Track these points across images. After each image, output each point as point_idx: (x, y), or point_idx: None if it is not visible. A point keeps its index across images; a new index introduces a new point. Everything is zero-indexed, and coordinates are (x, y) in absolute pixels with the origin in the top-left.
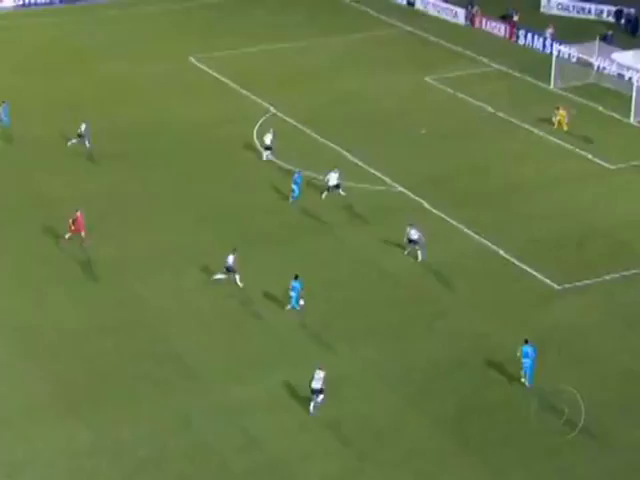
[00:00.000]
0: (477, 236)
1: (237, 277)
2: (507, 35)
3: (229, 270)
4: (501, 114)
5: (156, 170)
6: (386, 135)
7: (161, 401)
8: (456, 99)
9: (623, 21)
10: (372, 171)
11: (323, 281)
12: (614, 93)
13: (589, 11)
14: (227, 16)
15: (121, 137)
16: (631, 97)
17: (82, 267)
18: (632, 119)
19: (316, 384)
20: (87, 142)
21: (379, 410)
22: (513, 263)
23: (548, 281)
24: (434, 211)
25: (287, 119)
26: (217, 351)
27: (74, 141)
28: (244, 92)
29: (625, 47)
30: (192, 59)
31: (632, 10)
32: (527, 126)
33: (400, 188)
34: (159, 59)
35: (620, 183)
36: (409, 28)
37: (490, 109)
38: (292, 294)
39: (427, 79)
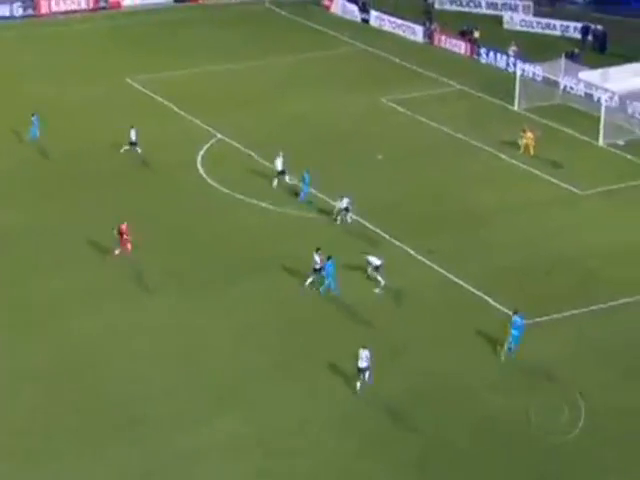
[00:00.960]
0: (436, 266)
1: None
2: (468, 53)
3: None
4: (462, 136)
5: (89, 197)
6: (340, 160)
7: (100, 453)
8: (414, 121)
9: (590, 38)
10: (325, 198)
11: (280, 314)
12: (582, 114)
13: (554, 27)
14: (169, 34)
15: (48, 164)
16: (599, 118)
17: (15, 306)
18: (601, 141)
19: (362, 363)
20: (138, 149)
21: (331, 461)
22: (475, 294)
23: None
24: (390, 239)
25: (234, 143)
26: (162, 396)
27: (126, 147)
28: (187, 115)
29: (593, 65)
30: (129, 80)
31: (599, 27)
32: (489, 149)
33: (355, 216)
34: (92, 80)
35: (589, 209)
36: (364, 46)
37: (450, 131)
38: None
39: (383, 100)
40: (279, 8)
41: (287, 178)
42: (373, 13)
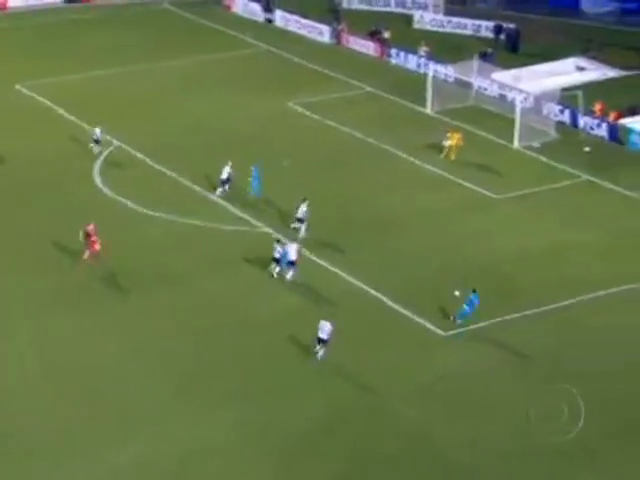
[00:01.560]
0: (350, 278)
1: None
2: (377, 54)
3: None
4: (373, 141)
5: None
6: (243, 166)
7: None
8: (323, 125)
9: (503, 37)
10: (232, 209)
11: (186, 334)
12: (496, 116)
13: (465, 27)
14: (60, 37)
15: None
16: (514, 120)
17: None
18: (516, 144)
19: (322, 334)
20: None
21: None
22: (392, 307)
23: (432, 327)
24: (302, 251)
25: (133, 151)
26: (59, 426)
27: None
28: (82, 123)
29: (506, 65)
30: (19, 86)
31: (512, 25)
32: (402, 153)
33: (265, 228)
34: None
35: (504, 214)
36: (268, 47)
37: (360, 135)
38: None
39: (290, 103)
40: (178, 8)
41: (226, 187)
42: (277, 13)
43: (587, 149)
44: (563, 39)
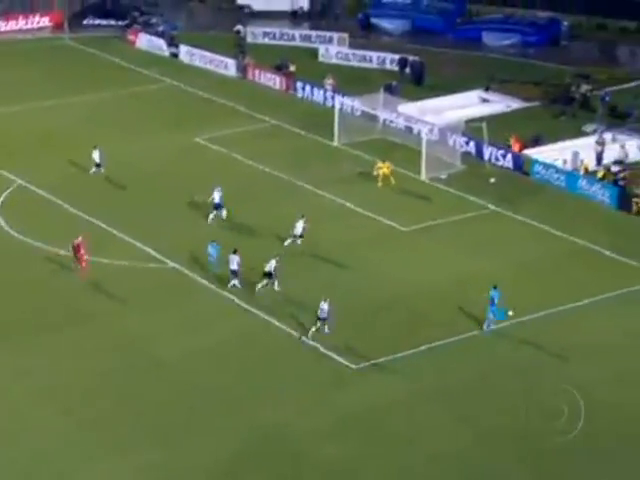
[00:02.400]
0: (258, 311)
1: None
2: (284, 88)
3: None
4: (280, 174)
5: None
6: (151, 204)
7: None
8: (230, 159)
9: (408, 70)
10: (140, 246)
11: (88, 378)
12: (403, 148)
13: (371, 59)
14: None
15: None
16: (420, 152)
17: None
18: (423, 176)
19: (322, 314)
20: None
21: None
22: (305, 341)
23: (343, 360)
24: (210, 287)
25: (36, 189)
26: None
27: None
28: None
29: (411, 98)
30: None
31: (416, 58)
32: (309, 186)
33: (172, 264)
34: None
35: (413, 246)
36: (174, 82)
37: (268, 169)
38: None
39: (197, 139)
40: (81, 44)
41: (223, 213)
42: (182, 47)
43: (492, 180)
44: (467, 71)
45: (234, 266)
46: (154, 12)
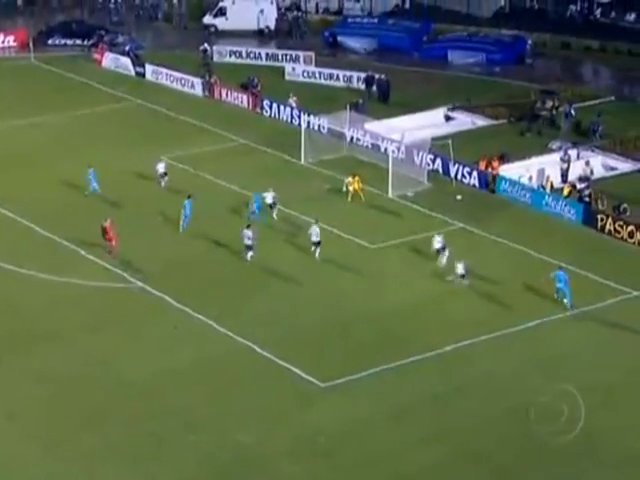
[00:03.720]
0: (227, 331)
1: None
2: (250, 106)
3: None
4: (248, 193)
5: None
6: (118, 224)
7: None
8: (197, 178)
9: (374, 88)
10: (107, 266)
11: (53, 398)
12: (370, 165)
13: (337, 78)
14: None
15: None
16: (387, 170)
17: None
18: (390, 193)
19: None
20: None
21: None
22: (270, 359)
23: (311, 378)
24: (179, 306)
25: (1, 211)
26: None
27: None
28: None
29: (378, 115)
30: None
31: (383, 76)
32: (278, 205)
33: (140, 283)
34: None
35: (382, 264)
36: (140, 101)
37: (236, 188)
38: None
39: (163, 158)
40: (47, 64)
41: (274, 213)
42: (148, 67)
43: (459, 197)
44: (433, 89)
45: (248, 241)
46: (120, 31)
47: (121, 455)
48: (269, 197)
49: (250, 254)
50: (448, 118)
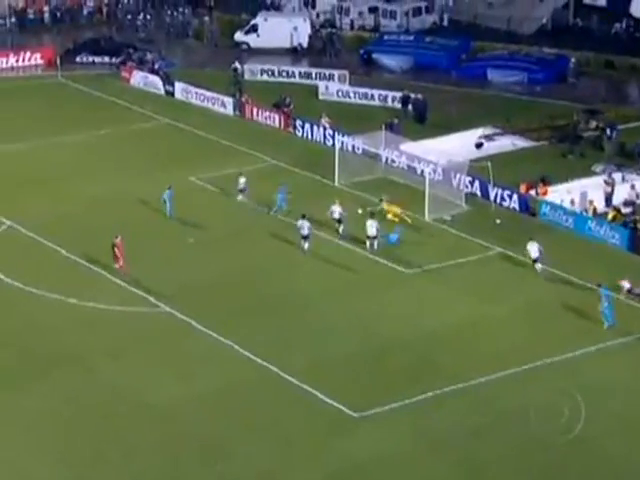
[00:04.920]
0: (255, 357)
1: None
2: (282, 126)
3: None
4: (279, 216)
5: None
6: (146, 246)
7: None
8: (227, 201)
9: (410, 108)
10: (132, 289)
11: (74, 424)
12: (405, 188)
13: (372, 97)
14: None
15: None
16: (424, 192)
17: None
18: (427, 217)
19: (304, 231)
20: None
21: None
22: (300, 387)
23: (343, 408)
24: (204, 330)
25: (27, 232)
26: None
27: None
28: None
29: (413, 136)
30: None
31: (419, 96)
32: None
33: (166, 308)
34: None
35: (417, 289)
36: (169, 121)
37: (265, 211)
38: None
39: (192, 178)
40: (74, 82)
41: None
42: (178, 85)
43: (498, 221)
44: (471, 109)
45: (305, 231)
46: (149, 49)
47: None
48: (336, 212)
49: (307, 245)
50: (479, 145)
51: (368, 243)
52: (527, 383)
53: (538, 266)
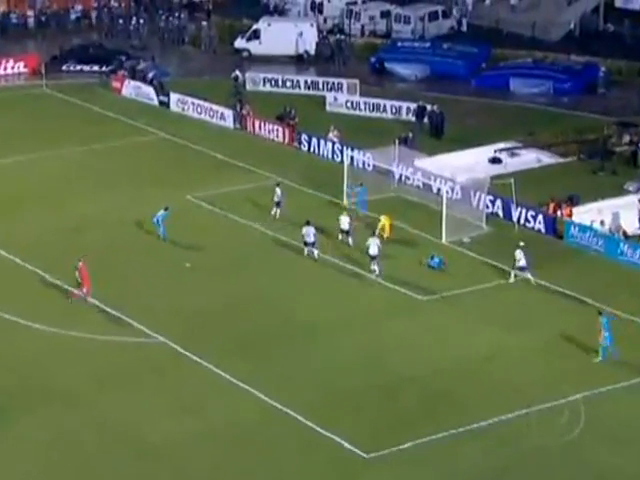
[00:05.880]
0: (257, 392)
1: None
2: (287, 140)
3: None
4: (283, 238)
5: None
6: (138, 271)
7: None
8: (227, 221)
9: (426, 120)
10: (125, 318)
11: (65, 464)
12: (420, 207)
13: (384, 109)
14: None
15: None
16: (440, 212)
17: None
18: (444, 239)
19: (310, 238)
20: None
21: None
22: (306, 425)
23: (354, 448)
24: (204, 364)
25: (8, 255)
26: None
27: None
28: None
29: (430, 151)
30: None
31: (435, 107)
32: (316, 251)
33: (161, 338)
34: None
35: (433, 318)
36: (164, 134)
37: (271, 232)
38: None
39: (189, 197)
40: (60, 92)
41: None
42: (173, 95)
43: (522, 244)
44: (492, 122)
45: (311, 238)
46: (142, 56)
47: None
48: (345, 222)
49: (315, 252)
50: (496, 161)
51: (370, 264)
52: (551, 421)
53: (527, 275)
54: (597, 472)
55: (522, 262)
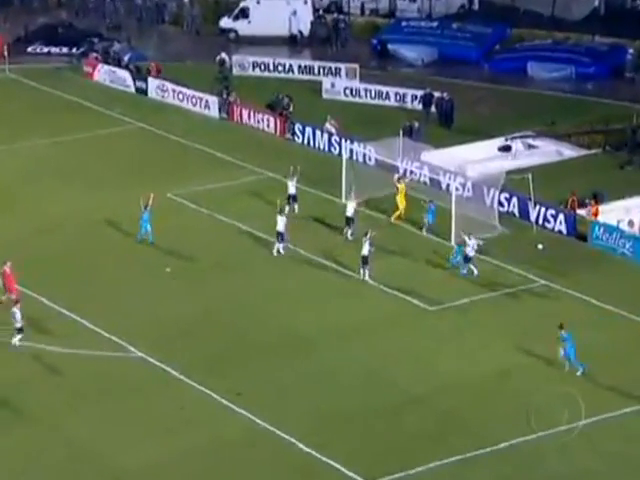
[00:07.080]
0: (246, 412)
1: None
2: (278, 131)
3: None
4: (276, 241)
5: None
6: (115, 279)
7: None
8: (212, 221)
9: (433, 109)
10: (99, 331)
11: None
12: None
13: (388, 96)
14: None
15: None
16: (450, 211)
17: None
18: (453, 241)
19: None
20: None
21: None
22: (300, 449)
23: (354, 474)
24: (185, 380)
25: None
26: None
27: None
28: None
29: (438, 143)
30: None
31: (445, 94)
32: (313, 256)
33: (139, 353)
34: None
35: (442, 329)
36: (141, 124)
37: (261, 234)
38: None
39: (170, 195)
40: (25, 77)
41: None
42: (152, 81)
43: (540, 246)
44: (507, 111)
45: (281, 228)
46: (116, 37)
47: None
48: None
49: (281, 245)
50: (505, 149)
51: (361, 267)
52: (571, 446)
53: (472, 267)
54: None
55: (471, 251)
